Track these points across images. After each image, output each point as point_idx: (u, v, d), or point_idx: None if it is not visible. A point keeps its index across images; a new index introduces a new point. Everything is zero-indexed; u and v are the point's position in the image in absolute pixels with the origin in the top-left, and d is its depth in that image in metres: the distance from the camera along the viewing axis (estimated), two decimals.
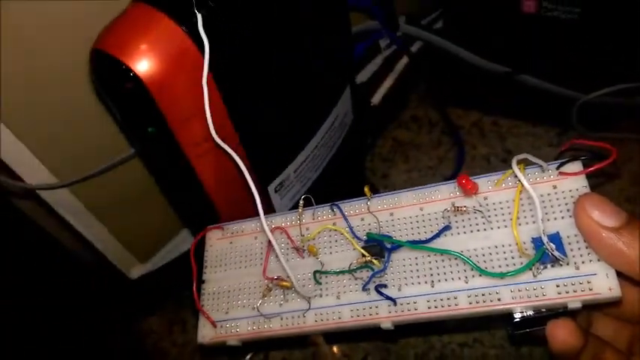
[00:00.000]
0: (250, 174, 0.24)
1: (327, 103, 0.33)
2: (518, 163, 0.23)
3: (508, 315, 0.23)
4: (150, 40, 0.23)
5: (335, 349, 0.36)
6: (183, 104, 0.25)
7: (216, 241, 0.29)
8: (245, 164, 0.24)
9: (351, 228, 0.26)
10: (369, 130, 0.46)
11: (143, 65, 0.23)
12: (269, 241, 0.25)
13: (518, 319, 0.22)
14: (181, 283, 0.44)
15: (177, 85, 0.24)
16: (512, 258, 0.23)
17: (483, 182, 0.25)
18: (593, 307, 0.23)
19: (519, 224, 0.23)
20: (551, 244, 0.22)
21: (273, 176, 0.32)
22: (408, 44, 0.47)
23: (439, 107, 0.48)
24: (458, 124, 0.45)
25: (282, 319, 0.26)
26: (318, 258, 0.26)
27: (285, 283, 0.25)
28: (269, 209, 0.33)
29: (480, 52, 0.43)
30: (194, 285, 0.27)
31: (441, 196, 0.25)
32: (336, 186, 0.36)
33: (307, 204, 0.28)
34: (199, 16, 0.24)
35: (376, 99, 0.45)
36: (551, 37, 0.40)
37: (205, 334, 0.27)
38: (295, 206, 0.29)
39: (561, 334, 0.21)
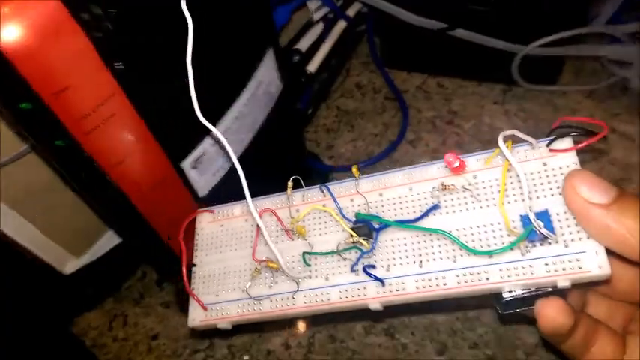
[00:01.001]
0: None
1: (243, 72, 0.30)
2: (506, 140, 0.22)
3: (497, 294, 0.22)
4: (14, 5, 0.21)
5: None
6: (57, 74, 0.22)
7: (207, 224, 0.29)
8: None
9: (340, 209, 0.26)
10: (308, 100, 0.44)
11: (6, 34, 0.21)
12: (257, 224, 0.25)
13: (507, 299, 0.22)
14: (120, 276, 0.43)
15: (49, 53, 0.22)
16: (501, 237, 0.22)
17: (472, 160, 0.24)
18: (584, 286, 0.23)
19: (508, 202, 0.23)
20: (539, 221, 0.21)
21: (186, 152, 0.29)
22: (342, 6, 0.45)
23: (382, 72, 0.46)
24: (402, 88, 0.44)
25: (271, 300, 0.26)
26: (306, 239, 0.26)
27: (273, 264, 0.25)
28: (187, 187, 0.30)
29: (416, 10, 0.41)
30: (183, 268, 0.27)
31: (430, 175, 0.25)
32: (271, 158, 0.34)
33: (297, 186, 0.28)
34: None
35: (312, 66, 0.43)
36: None
37: (195, 316, 0.27)
38: (223, 183, 0.27)
39: (550, 312, 0.21)
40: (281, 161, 0.34)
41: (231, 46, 0.29)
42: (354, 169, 0.26)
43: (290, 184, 0.27)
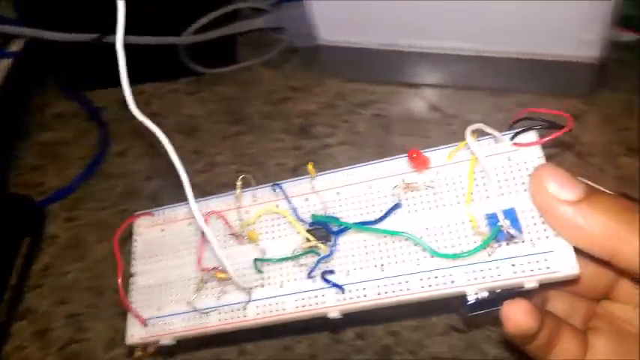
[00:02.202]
0: None
1: None
2: (473, 133, 0.21)
3: (462, 297, 0.21)
4: None
5: None
6: None
7: (146, 229, 0.26)
8: None
9: (294, 210, 0.24)
10: None
11: None
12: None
13: (472, 301, 0.21)
14: None
15: None
16: (466, 236, 0.21)
17: (436, 155, 0.23)
18: (552, 286, 0.22)
19: (473, 200, 0.21)
20: (506, 220, 0.20)
21: None
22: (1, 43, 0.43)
23: (73, 96, 0.45)
24: (103, 104, 0.44)
25: (219, 313, 0.23)
26: (258, 244, 0.24)
27: (221, 275, 0.23)
28: None
29: (66, 27, 0.41)
30: (119, 279, 0.24)
31: (391, 172, 0.23)
32: None
33: (246, 185, 0.25)
34: None
35: None
36: None
37: (134, 333, 0.24)
38: None
39: (516, 315, 0.20)
40: None
41: None
42: (310, 167, 0.24)
43: (239, 182, 0.25)
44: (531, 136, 0.22)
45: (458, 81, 0.37)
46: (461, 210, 0.21)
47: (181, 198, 0.22)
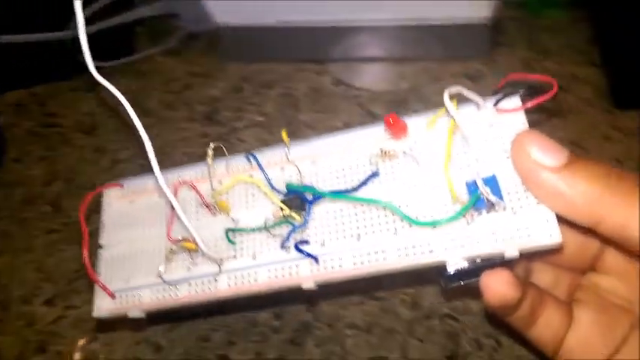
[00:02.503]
0: None
1: None
2: (451, 97, 0.20)
3: (441, 267, 0.20)
4: None
5: None
6: None
7: (115, 200, 0.25)
8: None
9: (268, 180, 0.23)
10: None
11: None
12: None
13: (451, 272, 0.20)
14: None
15: None
16: (445, 205, 0.20)
17: (414, 123, 0.22)
18: (533, 256, 0.21)
19: (452, 167, 0.21)
20: (487, 187, 0.19)
21: None
22: None
23: None
24: None
25: (190, 285, 0.22)
26: (230, 215, 0.23)
27: (189, 245, 0.22)
28: None
29: None
30: (84, 251, 0.23)
31: (368, 140, 0.22)
32: None
33: (219, 153, 0.24)
34: None
35: None
36: None
37: (101, 306, 0.23)
38: None
39: (497, 285, 0.19)
40: None
41: None
42: (284, 134, 0.23)
43: (210, 152, 0.24)
44: (515, 101, 0.21)
45: (359, 53, 0.37)
46: (440, 178, 0.20)
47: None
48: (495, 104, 0.21)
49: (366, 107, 0.35)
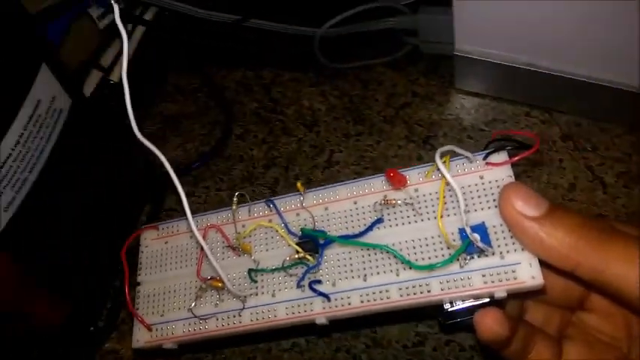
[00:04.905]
0: None
1: (11, 94, 0.26)
2: (443, 155, 0.22)
3: (439, 305, 0.23)
4: None
5: None
6: None
7: (152, 241, 0.29)
8: None
9: (285, 224, 0.26)
10: (120, 111, 0.42)
11: None
12: None
13: (448, 310, 0.23)
14: None
15: None
16: (441, 249, 0.23)
17: (414, 174, 0.25)
18: (521, 296, 0.24)
19: (447, 215, 0.23)
20: (476, 235, 0.22)
21: None
22: (135, 10, 0.43)
23: (199, 72, 0.45)
24: (223, 84, 0.44)
25: (217, 319, 0.25)
26: (252, 256, 0.26)
27: (217, 284, 0.25)
28: None
29: (207, 6, 0.40)
30: (126, 287, 0.26)
31: (374, 189, 0.25)
32: (79, 176, 0.31)
33: (242, 201, 0.27)
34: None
35: (115, 75, 0.41)
36: None
37: (140, 337, 0.26)
38: (17, 216, 0.26)
39: (488, 322, 0.22)
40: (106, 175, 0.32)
41: None
42: (299, 185, 0.26)
43: (235, 199, 0.27)
44: (502, 156, 0.23)
45: (596, 112, 0.35)
46: (436, 225, 0.23)
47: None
48: (485, 158, 0.24)
49: (593, 169, 0.32)
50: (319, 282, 0.24)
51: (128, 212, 0.38)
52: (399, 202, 0.24)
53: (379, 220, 0.24)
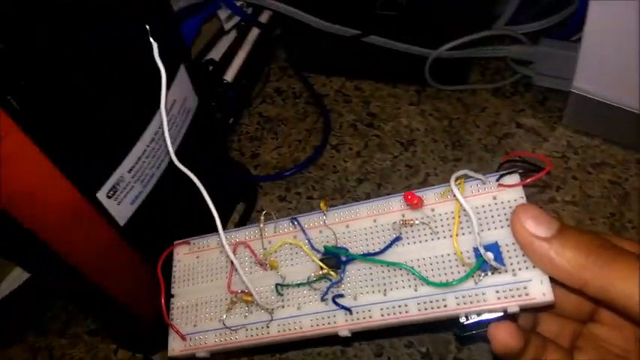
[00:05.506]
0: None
1: (153, 93, 0.27)
2: (458, 178, 0.24)
3: (455, 319, 0.24)
4: None
5: None
6: None
7: (184, 255, 0.30)
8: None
9: (309, 241, 0.28)
10: (228, 110, 0.43)
11: None
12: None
13: (464, 323, 0.24)
14: (41, 307, 0.39)
15: None
16: (457, 267, 0.24)
17: (430, 194, 0.26)
18: (532, 310, 0.25)
19: (463, 234, 0.25)
20: (489, 253, 0.23)
21: (101, 182, 0.27)
22: (253, 14, 0.45)
23: (301, 77, 0.46)
24: (322, 92, 0.44)
25: (247, 330, 0.27)
26: (278, 271, 0.28)
27: (247, 297, 0.27)
28: (104, 216, 0.28)
29: (327, 17, 0.42)
30: (162, 299, 0.28)
31: (393, 208, 0.27)
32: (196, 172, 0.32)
33: (268, 218, 0.29)
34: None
35: (229, 75, 0.43)
36: None
37: (175, 347, 0.28)
38: (141, 209, 0.27)
39: (501, 335, 0.23)
40: (207, 175, 0.34)
41: (138, 72, 0.27)
42: (322, 204, 0.28)
43: (262, 217, 0.29)
44: (514, 178, 0.25)
45: None
46: (451, 244, 0.25)
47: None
48: (498, 180, 0.25)
49: None
50: (342, 296, 0.26)
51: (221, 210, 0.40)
52: (416, 221, 0.26)
53: (398, 239, 0.26)
